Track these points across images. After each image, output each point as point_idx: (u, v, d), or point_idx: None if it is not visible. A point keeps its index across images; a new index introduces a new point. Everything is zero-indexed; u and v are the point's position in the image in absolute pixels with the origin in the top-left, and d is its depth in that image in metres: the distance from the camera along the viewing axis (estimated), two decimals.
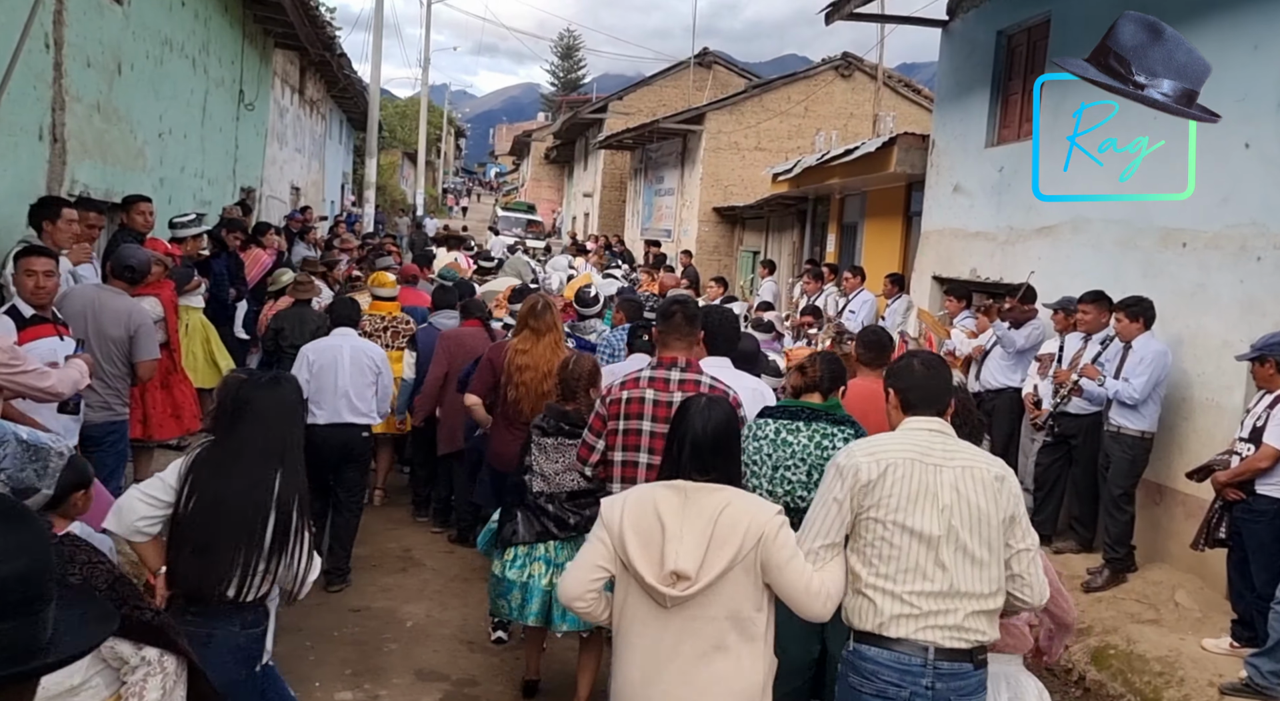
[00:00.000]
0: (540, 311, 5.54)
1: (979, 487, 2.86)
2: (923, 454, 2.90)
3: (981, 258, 9.45)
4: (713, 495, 2.83)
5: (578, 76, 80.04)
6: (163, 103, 9.04)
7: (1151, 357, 6.15)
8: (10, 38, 5.60)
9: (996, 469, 2.92)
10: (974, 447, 3.08)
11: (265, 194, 14.63)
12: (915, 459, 2.88)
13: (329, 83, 20.43)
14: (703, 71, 28.08)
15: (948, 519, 2.82)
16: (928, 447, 2.92)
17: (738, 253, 21.66)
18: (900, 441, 2.97)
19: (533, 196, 46.44)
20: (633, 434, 3.98)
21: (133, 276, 5.72)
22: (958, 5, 10.42)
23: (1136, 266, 7.12)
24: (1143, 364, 6.15)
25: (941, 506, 2.83)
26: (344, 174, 27.71)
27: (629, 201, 29.92)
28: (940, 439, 2.96)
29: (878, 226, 13.83)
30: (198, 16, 10.13)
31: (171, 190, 9.32)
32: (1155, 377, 6.17)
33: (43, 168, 6.40)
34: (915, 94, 21.43)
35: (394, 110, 45.85)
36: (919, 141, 11.45)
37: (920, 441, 2.94)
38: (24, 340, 4.54)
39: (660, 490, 2.89)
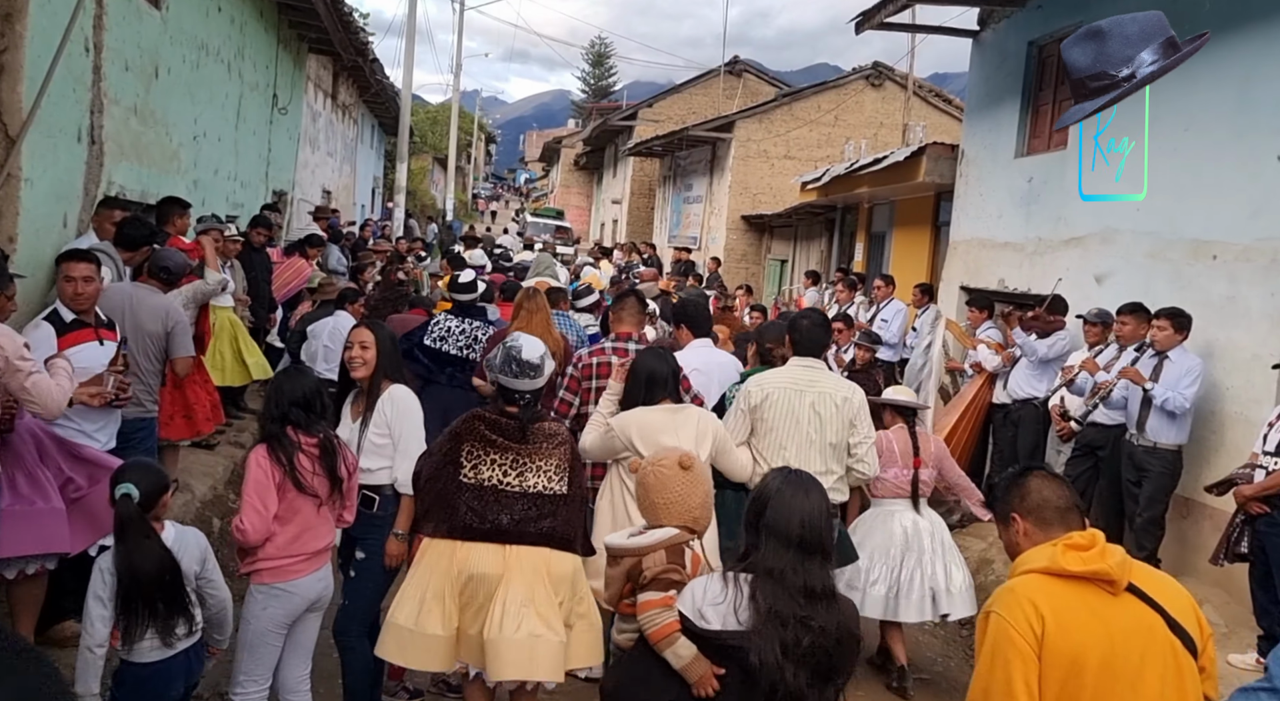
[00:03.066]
0: (532, 295, 6.48)
1: (829, 405, 4.45)
2: (794, 383, 4.48)
3: (1010, 268, 9.40)
4: (690, 411, 4.37)
5: (608, 84, 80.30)
6: (198, 106, 9.18)
7: (1198, 370, 6.16)
8: (51, 41, 5.72)
9: (844, 392, 4.54)
10: (833, 377, 4.78)
11: (297, 197, 14.80)
12: (787, 387, 4.46)
13: (361, 88, 20.63)
14: (733, 80, 28.12)
15: (805, 425, 4.40)
16: (799, 378, 4.50)
17: (765, 261, 21.65)
18: (782, 374, 4.57)
19: (561, 202, 46.61)
20: (601, 390, 4.73)
21: (169, 277, 5.82)
22: (989, 15, 10.39)
23: (1166, 278, 7.07)
24: (1189, 375, 6.14)
25: (803, 418, 4.39)
26: (375, 178, 27.95)
27: (657, 209, 29.98)
28: (809, 373, 4.55)
29: (906, 236, 13.78)
30: (234, 22, 10.29)
31: (205, 192, 9.45)
32: (1199, 390, 6.15)
33: (81, 169, 6.51)
34: (946, 104, 21.35)
35: (425, 116, 46.20)
36: (948, 151, 11.42)
37: (796, 375, 4.53)
38: (64, 345, 4.56)
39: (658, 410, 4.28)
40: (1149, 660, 2.31)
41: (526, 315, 6.28)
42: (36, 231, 5.88)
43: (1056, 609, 2.30)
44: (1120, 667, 2.27)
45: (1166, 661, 2.32)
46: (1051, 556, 2.37)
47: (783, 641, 2.48)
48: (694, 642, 2.58)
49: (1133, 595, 2.36)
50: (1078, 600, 2.33)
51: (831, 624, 2.54)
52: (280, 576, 3.59)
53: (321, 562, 3.73)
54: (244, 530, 3.51)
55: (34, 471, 4.00)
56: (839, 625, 2.54)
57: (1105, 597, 2.34)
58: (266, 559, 3.58)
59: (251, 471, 3.58)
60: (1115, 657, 2.28)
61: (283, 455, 3.57)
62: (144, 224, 6.08)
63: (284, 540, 3.59)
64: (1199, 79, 6.75)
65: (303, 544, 3.63)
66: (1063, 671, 2.25)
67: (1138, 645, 2.31)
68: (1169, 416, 6.16)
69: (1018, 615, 2.30)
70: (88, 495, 4.16)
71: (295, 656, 3.79)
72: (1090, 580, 2.34)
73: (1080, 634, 2.28)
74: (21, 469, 3.96)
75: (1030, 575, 2.40)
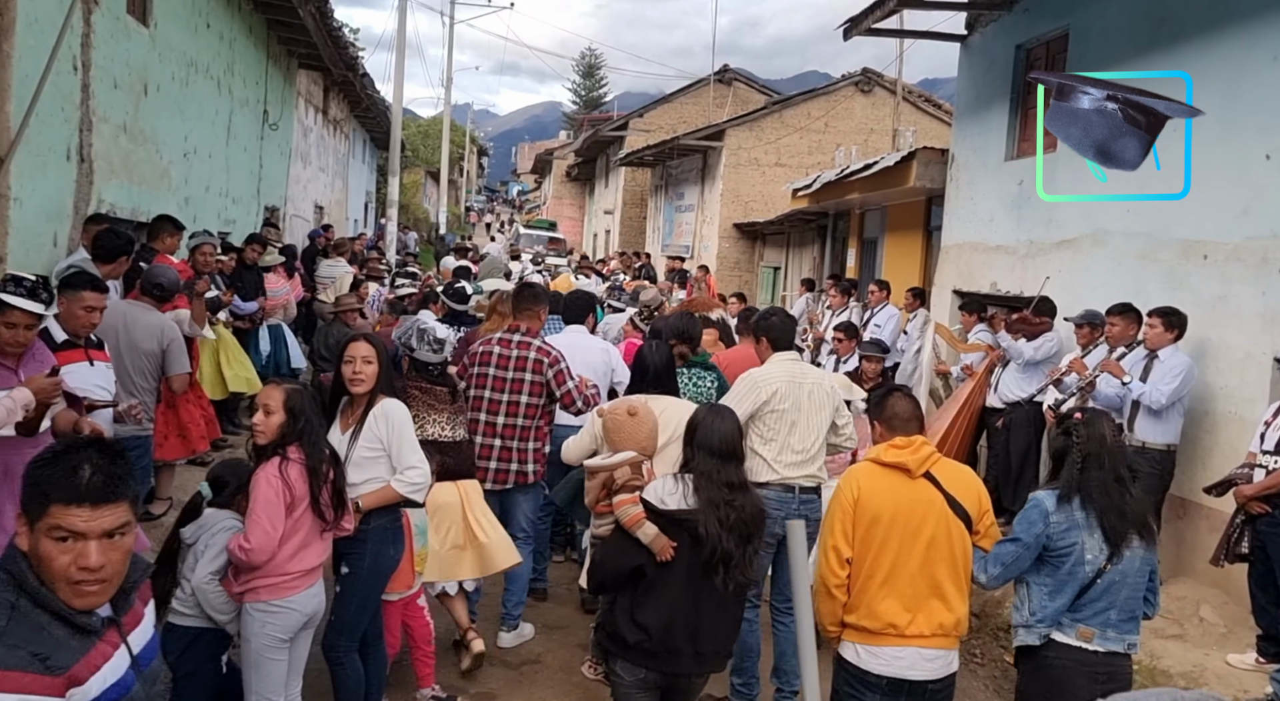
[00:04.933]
0: (505, 299, 6.89)
1: (820, 394, 4.94)
2: (791, 376, 4.94)
3: (1002, 271, 9.42)
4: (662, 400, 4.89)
5: (599, 95, 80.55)
6: (188, 123, 9.18)
7: (1181, 368, 6.13)
8: (39, 60, 5.72)
9: (829, 383, 5.11)
10: (816, 370, 5.36)
11: (289, 213, 14.80)
12: (787, 379, 4.91)
13: (352, 103, 20.65)
14: (723, 88, 28.19)
15: (805, 412, 4.87)
16: (793, 372, 4.97)
17: (758, 268, 21.67)
18: (778, 370, 4.98)
19: (554, 214, 46.64)
20: (483, 377, 5.48)
21: (162, 294, 5.81)
22: (976, 20, 10.44)
23: (1158, 279, 7.09)
24: (1171, 373, 6.12)
25: (803, 406, 4.88)
26: (367, 193, 27.95)
27: (650, 218, 30.02)
28: (798, 366, 5.07)
29: (898, 241, 13.80)
30: (223, 38, 10.29)
31: (196, 209, 9.45)
32: (1183, 389, 6.13)
33: (70, 187, 6.51)
34: (936, 109, 21.41)
35: (417, 129, 46.21)
36: (938, 156, 11.44)
37: (788, 369, 4.99)
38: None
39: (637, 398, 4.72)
40: (926, 520, 3.48)
41: (499, 317, 6.70)
42: (26, 251, 5.87)
43: (869, 484, 3.54)
44: (904, 522, 3.47)
45: (939, 523, 3.48)
46: (879, 452, 3.61)
47: (719, 518, 3.53)
48: (655, 523, 3.59)
49: (926, 480, 3.52)
50: (884, 480, 3.54)
51: (749, 505, 3.62)
52: (278, 593, 3.55)
53: (316, 577, 3.69)
54: (250, 550, 3.44)
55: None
56: (753, 505, 3.64)
57: (905, 479, 3.52)
58: (265, 576, 3.53)
59: (261, 489, 3.48)
60: (900, 516, 3.48)
61: (302, 473, 3.53)
62: (119, 235, 5.99)
63: (283, 557, 3.53)
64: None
65: (300, 560, 3.58)
66: (867, 521, 3.50)
67: (919, 510, 3.49)
68: (1155, 415, 6.17)
69: (845, 487, 3.58)
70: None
71: (288, 674, 3.76)
72: (895, 467, 3.54)
73: (880, 500, 3.50)
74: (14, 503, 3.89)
75: (865, 462, 3.67)
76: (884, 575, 3.45)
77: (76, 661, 1.95)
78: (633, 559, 3.59)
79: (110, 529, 1.98)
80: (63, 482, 1.95)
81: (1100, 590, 3.51)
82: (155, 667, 2.18)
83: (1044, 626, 3.57)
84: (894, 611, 3.43)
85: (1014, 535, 3.60)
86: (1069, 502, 3.57)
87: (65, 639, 1.96)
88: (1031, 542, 3.56)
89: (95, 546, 1.96)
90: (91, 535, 1.96)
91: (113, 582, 2.02)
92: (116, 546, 2.00)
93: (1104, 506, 3.53)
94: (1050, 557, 3.56)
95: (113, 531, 1.99)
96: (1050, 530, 3.54)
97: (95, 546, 1.96)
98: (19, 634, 1.90)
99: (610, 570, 3.66)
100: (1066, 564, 3.52)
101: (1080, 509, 3.55)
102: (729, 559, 3.50)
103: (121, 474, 2.02)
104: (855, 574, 3.50)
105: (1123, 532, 3.50)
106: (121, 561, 2.03)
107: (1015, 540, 3.58)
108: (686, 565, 3.54)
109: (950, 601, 3.47)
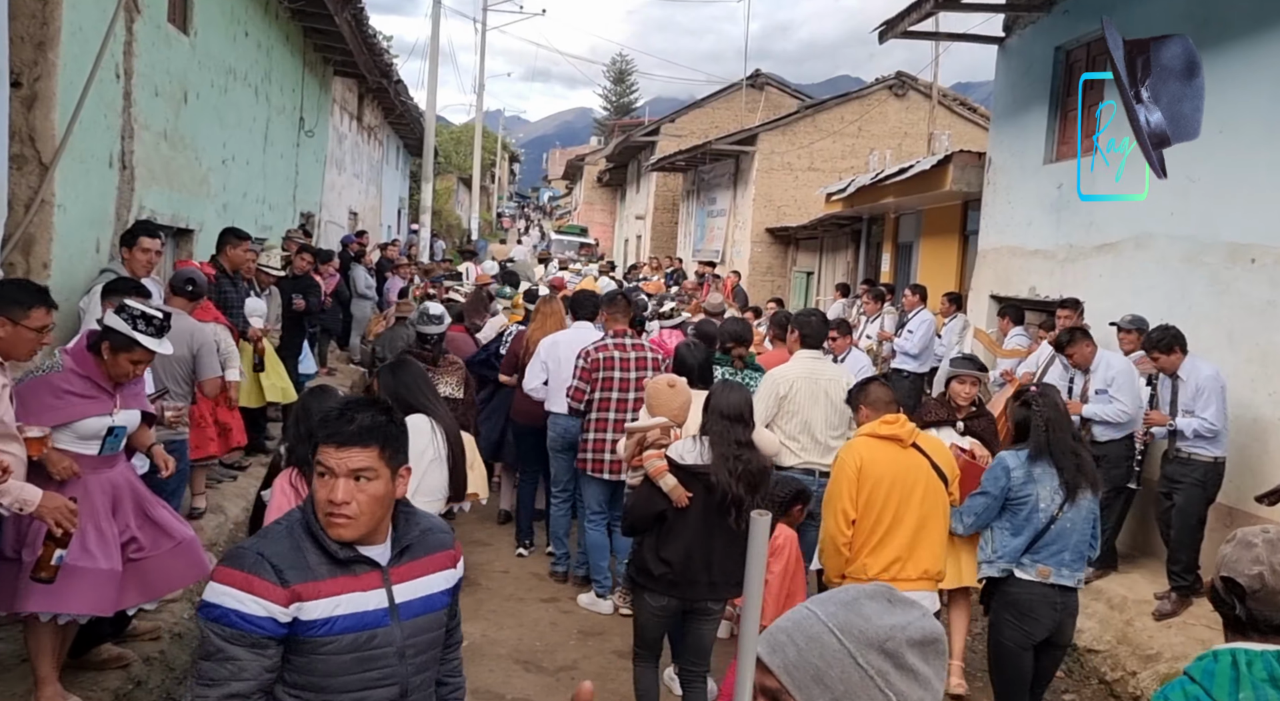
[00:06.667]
0: (548, 299, 7.68)
1: (836, 390, 5.52)
2: (810, 373, 5.64)
3: (1040, 276, 9.30)
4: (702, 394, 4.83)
5: (630, 100, 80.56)
6: (226, 130, 9.27)
7: (1208, 384, 5.96)
8: (83, 68, 5.79)
9: (846, 379, 5.57)
10: (834, 367, 6.03)
11: (324, 219, 14.91)
12: (805, 377, 5.62)
13: (386, 109, 20.80)
14: (755, 93, 28.08)
15: (821, 406, 5.56)
16: (812, 369, 5.67)
17: (791, 273, 21.57)
18: (798, 367, 5.69)
19: (585, 219, 46.70)
20: (609, 380, 6.16)
21: (194, 290, 5.85)
22: (1014, 22, 10.32)
23: (1203, 283, 6.95)
24: (1202, 393, 5.96)
25: (819, 400, 5.55)
26: (400, 199, 28.13)
27: (681, 223, 29.97)
28: (818, 364, 5.75)
29: (934, 245, 13.68)
30: (260, 46, 10.39)
31: (234, 215, 9.53)
32: (1223, 404, 5.98)
33: (112, 194, 6.58)
34: (971, 112, 21.21)
35: (449, 136, 46.51)
36: (975, 159, 11.32)
37: (809, 366, 5.69)
38: None
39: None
40: (918, 482, 4.20)
41: (541, 318, 7.25)
42: (70, 256, 5.94)
43: (869, 454, 4.23)
44: (901, 484, 4.18)
45: (928, 485, 4.23)
46: (873, 427, 4.31)
47: (729, 469, 4.19)
48: (676, 476, 4.24)
49: (915, 449, 4.27)
50: (881, 450, 4.24)
51: (755, 460, 4.31)
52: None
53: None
54: None
55: (104, 527, 3.90)
56: (758, 460, 4.35)
57: (897, 449, 4.25)
58: None
59: (276, 499, 3.47)
60: (899, 480, 4.19)
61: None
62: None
63: None
64: (1232, 80, 6.65)
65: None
66: (870, 485, 4.17)
67: (912, 474, 4.21)
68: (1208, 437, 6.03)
69: (848, 457, 4.26)
70: (147, 559, 4.04)
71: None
72: (889, 439, 4.25)
73: (880, 467, 4.19)
74: (94, 523, 3.86)
75: (861, 436, 4.35)
76: (884, 530, 4.15)
77: (307, 582, 2.22)
78: (657, 505, 4.27)
79: (355, 469, 2.24)
80: (325, 426, 2.30)
81: (1055, 534, 4.22)
82: (424, 622, 2.41)
83: (1004, 562, 4.29)
84: (891, 559, 4.15)
85: (982, 489, 4.37)
86: (1035, 461, 4.25)
87: (315, 563, 2.25)
88: (997, 494, 4.32)
89: (342, 483, 2.24)
90: (339, 472, 2.24)
91: (361, 521, 2.26)
92: (363, 488, 2.25)
93: (1065, 462, 4.22)
94: (1011, 505, 4.30)
95: (358, 473, 2.25)
96: (1011, 483, 4.28)
97: (342, 483, 2.24)
98: (280, 551, 2.24)
99: (639, 514, 4.34)
100: (1024, 510, 4.25)
101: (1038, 464, 4.24)
102: (740, 502, 4.19)
103: (372, 425, 2.27)
104: (858, 531, 4.16)
105: (1078, 484, 4.23)
106: (369, 503, 2.26)
107: (984, 493, 4.34)
108: (701, 510, 4.23)
109: (935, 550, 4.23)
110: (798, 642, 1.32)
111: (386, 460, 2.29)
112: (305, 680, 2.26)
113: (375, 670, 2.31)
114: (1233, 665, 2.23)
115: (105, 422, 3.95)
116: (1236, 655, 2.25)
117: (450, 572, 2.52)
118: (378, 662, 2.31)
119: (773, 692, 1.32)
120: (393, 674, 2.34)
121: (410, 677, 2.38)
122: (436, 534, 2.52)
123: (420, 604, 2.41)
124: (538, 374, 6.55)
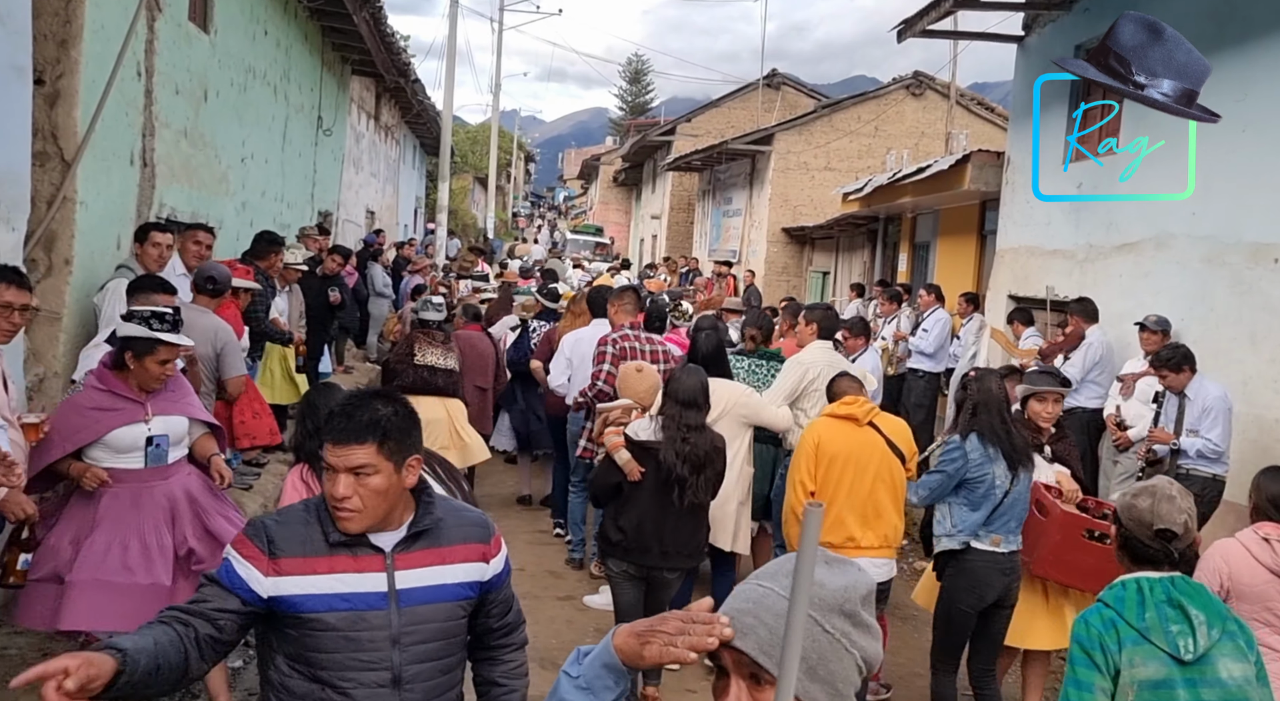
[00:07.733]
0: (577, 299, 8.22)
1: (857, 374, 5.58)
2: (829, 362, 5.97)
3: (1059, 276, 9.25)
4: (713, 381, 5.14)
5: (646, 100, 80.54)
6: (245, 128, 9.31)
7: (1215, 405, 5.95)
8: (105, 66, 5.83)
9: (860, 371, 5.89)
10: (843, 358, 6.36)
11: (341, 218, 14.97)
12: (826, 364, 5.90)
13: (403, 109, 20.85)
14: (771, 93, 28.04)
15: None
16: (832, 359, 6.06)
17: (806, 273, 21.53)
18: (818, 356, 6.08)
19: (600, 219, 46.72)
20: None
21: (215, 287, 5.85)
22: (1033, 20, 10.27)
23: (1225, 283, 6.90)
24: (1209, 413, 5.94)
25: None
26: (417, 198, 28.22)
27: (697, 223, 29.95)
28: (831, 354, 6.16)
29: (951, 245, 13.63)
30: (279, 45, 10.44)
31: (253, 214, 9.58)
32: (1229, 425, 5.97)
33: (134, 191, 6.61)
34: (988, 112, 21.09)
35: (465, 136, 46.60)
36: (993, 159, 11.27)
37: (827, 356, 6.09)
38: None
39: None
40: (872, 459, 4.69)
41: (571, 316, 7.82)
42: (91, 253, 5.97)
43: (826, 432, 4.73)
44: (856, 460, 4.66)
45: (883, 461, 4.71)
46: (832, 408, 4.85)
47: (676, 450, 4.62)
48: (631, 452, 4.67)
49: (871, 428, 4.75)
50: (838, 428, 4.74)
51: (703, 442, 4.69)
52: None
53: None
54: None
55: (149, 539, 3.85)
56: (708, 442, 4.71)
57: (853, 428, 4.73)
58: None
59: (287, 495, 3.48)
60: (853, 456, 4.67)
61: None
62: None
63: None
64: (1254, 79, 6.60)
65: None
66: (827, 461, 4.67)
67: (867, 451, 4.70)
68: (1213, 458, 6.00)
69: (808, 435, 4.77)
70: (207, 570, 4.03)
71: None
72: (846, 418, 4.75)
73: (836, 444, 4.68)
74: (138, 537, 3.83)
75: (822, 417, 4.88)
76: (841, 502, 4.59)
77: (298, 557, 2.30)
78: (614, 477, 4.73)
79: (353, 466, 2.28)
80: (326, 423, 2.36)
81: (1006, 507, 4.48)
82: (428, 612, 2.41)
83: (963, 535, 4.52)
84: (851, 527, 4.62)
85: (938, 467, 4.62)
86: (977, 442, 4.48)
87: (314, 543, 2.33)
88: (952, 473, 4.51)
89: (343, 479, 2.29)
90: (339, 469, 2.29)
91: (366, 514, 2.31)
92: (364, 483, 2.29)
93: (996, 442, 4.46)
94: (969, 483, 4.50)
95: (356, 469, 2.28)
96: (967, 464, 4.48)
97: (343, 479, 2.29)
98: (287, 525, 2.35)
99: (599, 485, 4.83)
100: (982, 488, 4.47)
101: (987, 446, 4.47)
102: (683, 482, 4.60)
103: (369, 422, 2.30)
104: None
105: (1018, 460, 4.47)
106: (371, 497, 2.30)
107: (940, 471, 4.58)
108: (653, 484, 4.66)
109: (890, 519, 4.71)
110: (766, 622, 1.36)
111: (387, 454, 2.31)
112: (298, 652, 2.33)
113: (365, 652, 2.33)
114: (1138, 590, 2.79)
115: (139, 432, 3.93)
116: (1141, 583, 2.81)
117: (477, 566, 2.50)
118: (365, 645, 2.33)
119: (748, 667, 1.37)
120: (384, 659, 2.35)
121: (406, 666, 2.37)
122: (462, 526, 2.50)
123: (425, 592, 2.40)
124: (562, 369, 6.88)
